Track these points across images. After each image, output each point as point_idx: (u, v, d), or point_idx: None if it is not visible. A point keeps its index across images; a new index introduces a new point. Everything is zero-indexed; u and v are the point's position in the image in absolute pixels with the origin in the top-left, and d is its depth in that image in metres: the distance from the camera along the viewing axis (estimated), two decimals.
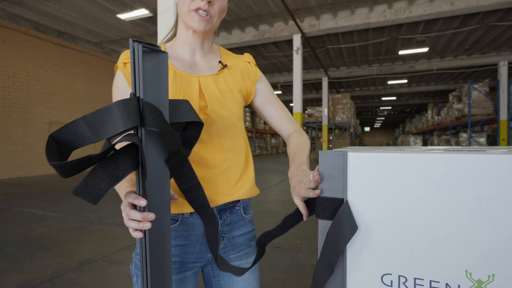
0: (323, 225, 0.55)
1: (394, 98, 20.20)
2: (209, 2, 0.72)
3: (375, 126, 45.92)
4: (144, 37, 10.03)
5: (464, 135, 11.51)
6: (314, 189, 0.57)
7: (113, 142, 0.53)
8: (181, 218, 0.75)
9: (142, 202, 0.55)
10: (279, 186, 6.74)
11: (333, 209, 0.53)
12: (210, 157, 0.76)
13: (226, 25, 9.34)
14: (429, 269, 0.50)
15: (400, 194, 0.51)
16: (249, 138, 25.13)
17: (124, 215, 0.58)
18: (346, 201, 0.53)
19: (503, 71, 10.81)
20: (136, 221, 0.55)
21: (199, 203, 0.66)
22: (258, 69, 0.88)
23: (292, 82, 13.03)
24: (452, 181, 0.48)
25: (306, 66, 13.59)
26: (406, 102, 21.36)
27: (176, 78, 0.75)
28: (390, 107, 25.75)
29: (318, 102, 22.25)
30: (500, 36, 9.65)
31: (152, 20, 8.72)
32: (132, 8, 7.75)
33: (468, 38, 9.82)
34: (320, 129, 17.18)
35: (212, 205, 0.75)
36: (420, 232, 0.50)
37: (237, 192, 0.79)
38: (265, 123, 22.62)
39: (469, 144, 10.85)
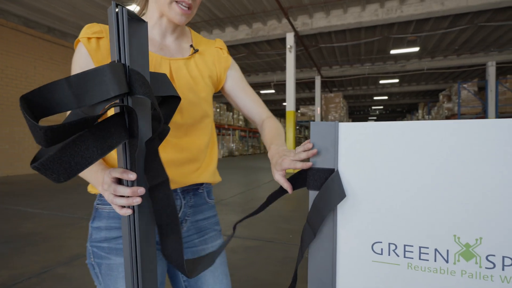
0: (313, 196, 0.55)
1: (385, 97, 20.44)
2: (188, 3, 0.70)
3: None
4: None
5: None
6: (303, 161, 0.56)
7: (103, 110, 0.48)
8: None
9: (132, 176, 0.52)
10: (270, 184, 6.75)
11: (324, 180, 0.53)
12: (178, 140, 0.75)
13: (219, 22, 9.30)
14: (418, 235, 0.51)
15: (389, 163, 0.52)
16: (243, 137, 25.12)
17: (107, 194, 0.54)
18: (337, 170, 0.53)
19: (491, 71, 11.04)
20: (125, 197, 0.53)
21: (164, 203, 0.55)
22: (229, 56, 0.88)
23: (285, 81, 13.10)
24: (439, 147, 0.49)
25: (299, 65, 13.64)
26: (397, 102, 21.63)
27: (152, 59, 0.72)
28: (382, 107, 26.04)
29: (311, 101, 22.35)
30: (488, 37, 9.84)
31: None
32: (124, 4, 7.66)
33: (457, 38, 9.99)
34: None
35: (176, 186, 0.75)
36: (409, 200, 0.51)
37: (202, 175, 0.79)
38: None
39: None
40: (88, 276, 2.14)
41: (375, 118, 34.80)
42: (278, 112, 29.17)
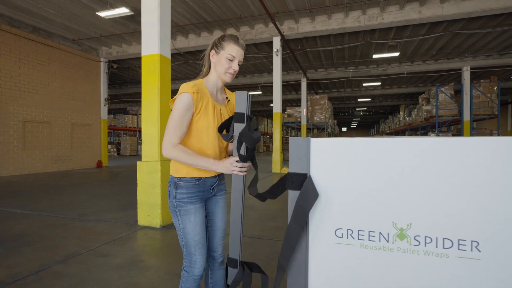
0: (292, 195, 0.74)
1: (369, 99, 21.04)
2: (235, 71, 1.35)
3: (351, 126, 47.35)
4: (124, 35, 9.90)
5: (432, 135, 12.26)
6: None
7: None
8: (203, 179, 1.35)
9: (247, 164, 1.25)
10: (261, 183, 6.94)
11: (299, 182, 0.72)
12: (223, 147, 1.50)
13: (207, 25, 9.42)
14: (368, 223, 0.70)
15: (348, 169, 0.71)
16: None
17: (233, 167, 1.22)
18: (309, 175, 0.73)
19: (466, 76, 11.65)
20: (243, 168, 1.23)
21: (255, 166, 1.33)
22: None
23: (272, 82, 13.30)
24: (381, 158, 0.69)
25: (285, 67, 13.91)
26: (380, 104, 22.30)
27: (210, 102, 1.34)
28: (365, 108, 26.74)
29: (297, 102, 22.72)
30: (463, 43, 10.41)
31: (132, 19, 8.65)
32: (112, 6, 7.67)
33: (435, 44, 10.51)
34: (299, 129, 17.62)
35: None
36: (361, 197, 0.70)
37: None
38: None
39: None
40: (86, 272, 2.26)
41: (359, 119, 35.64)
42: (265, 113, 29.43)
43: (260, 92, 18.74)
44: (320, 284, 0.73)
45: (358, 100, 21.29)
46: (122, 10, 7.53)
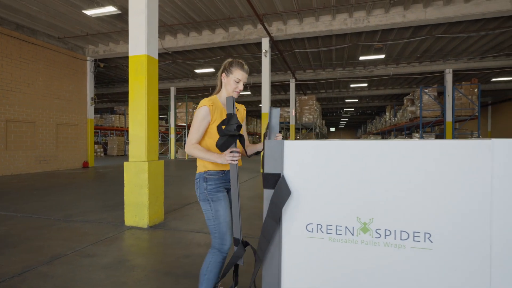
0: (267, 193, 0.81)
1: (356, 100, 21.41)
2: (240, 89, 1.73)
3: (339, 127, 47.98)
4: (112, 34, 9.78)
5: (416, 135, 12.60)
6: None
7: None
8: (225, 172, 1.67)
9: (237, 154, 1.46)
10: (249, 183, 7.00)
11: (274, 181, 0.79)
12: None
13: (196, 25, 9.41)
14: (335, 217, 0.77)
15: (317, 169, 0.78)
16: None
17: (228, 157, 1.45)
18: (283, 175, 0.79)
19: (448, 78, 12.03)
20: (234, 158, 1.45)
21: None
22: (245, 112, 1.89)
23: (261, 83, 13.38)
24: (346, 158, 0.76)
25: (274, 68, 14.01)
26: (367, 104, 22.72)
27: (223, 112, 1.71)
28: (353, 109, 27.18)
29: (286, 103, 22.89)
30: (446, 47, 10.75)
31: (119, 18, 8.56)
32: (99, 4, 7.57)
33: (419, 47, 10.81)
34: (288, 129, 17.79)
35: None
36: (329, 194, 0.77)
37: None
38: None
39: None
40: (71, 273, 2.27)
41: (347, 119, 36.18)
42: (254, 113, 29.50)
43: (249, 93, 18.81)
44: (292, 274, 0.80)
45: (346, 100, 21.63)
46: (109, 9, 7.45)
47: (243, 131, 1.85)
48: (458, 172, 0.70)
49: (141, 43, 3.59)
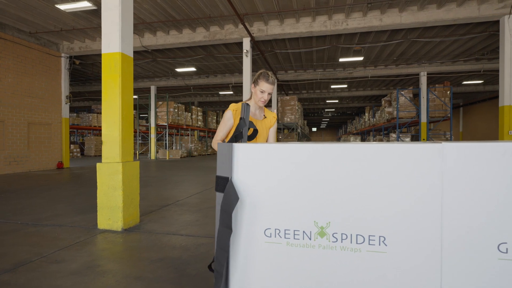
0: (219, 197, 0.79)
1: (337, 101, 21.81)
2: (266, 100, 1.95)
3: (321, 127, 48.77)
4: (87, 30, 9.44)
5: (393, 135, 13.01)
6: None
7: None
8: None
9: None
10: None
11: (223, 185, 0.78)
12: None
13: (176, 23, 9.25)
14: (293, 222, 0.77)
15: (273, 173, 0.78)
16: (202, 137, 24.88)
17: None
18: (231, 179, 0.78)
19: (423, 80, 12.50)
20: None
21: None
22: (275, 120, 2.12)
23: (243, 83, 13.37)
24: (302, 162, 0.76)
25: (256, 68, 14.02)
26: (347, 105, 23.20)
27: (250, 119, 1.87)
28: (333, 109, 27.68)
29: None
30: (420, 50, 11.16)
31: (95, 13, 8.28)
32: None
33: (395, 50, 11.16)
34: None
35: None
36: (286, 198, 0.77)
37: None
38: (217, 122, 22.82)
39: None
40: (36, 281, 2.16)
41: (328, 119, 36.82)
42: None
43: (232, 92, 18.73)
44: (253, 281, 0.79)
45: (327, 101, 21.99)
46: (84, 4, 7.18)
47: (270, 136, 2.12)
48: (410, 176, 0.71)
49: (114, 40, 3.48)
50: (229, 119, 1.92)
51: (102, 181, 3.47)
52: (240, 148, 0.80)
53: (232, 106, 1.94)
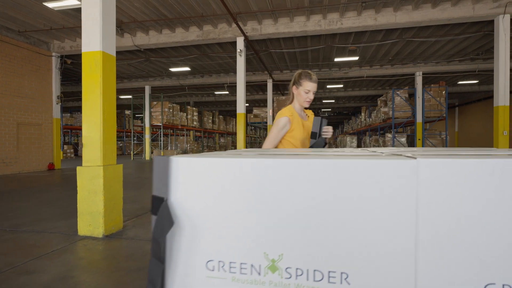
0: (153, 221, 0.67)
1: (333, 101, 21.73)
2: (311, 100, 1.95)
3: None
4: (77, 28, 9.26)
5: (389, 135, 12.93)
6: None
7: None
8: None
9: None
10: None
11: (158, 207, 0.65)
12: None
13: (168, 22, 9.11)
14: (239, 253, 0.65)
15: (217, 193, 0.65)
16: (198, 137, 24.72)
17: None
18: (166, 199, 0.65)
19: (418, 80, 12.43)
20: None
21: None
22: (313, 117, 2.07)
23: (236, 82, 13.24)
24: (252, 180, 0.64)
25: (251, 68, 13.90)
26: (343, 105, 23.13)
27: (300, 122, 1.95)
28: (330, 109, 27.61)
29: (265, 103, 22.84)
30: (415, 50, 11.08)
31: None
32: None
33: (390, 50, 11.07)
34: (265, 129, 17.76)
35: None
36: (233, 224, 0.65)
37: None
38: (213, 122, 22.58)
39: (393, 143, 12.23)
40: None
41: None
42: (233, 113, 29.27)
43: (227, 92, 18.59)
44: None
45: (323, 101, 21.90)
46: (72, 2, 7.02)
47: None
48: (379, 199, 0.59)
49: (95, 38, 3.34)
50: (285, 125, 1.89)
51: (82, 186, 3.34)
52: (179, 162, 0.67)
53: (287, 112, 1.90)
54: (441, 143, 12.10)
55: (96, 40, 3.34)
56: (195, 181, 0.66)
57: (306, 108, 2.13)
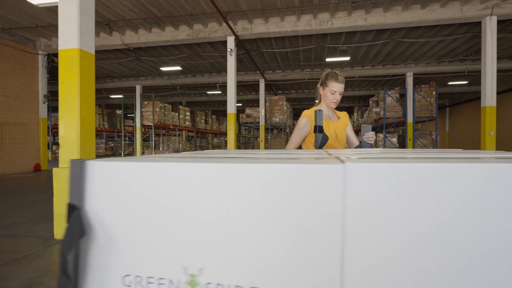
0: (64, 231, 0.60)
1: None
2: (337, 101, 1.94)
3: None
4: None
5: (380, 135, 12.97)
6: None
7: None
8: None
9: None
10: None
11: (70, 216, 0.58)
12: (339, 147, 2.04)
13: (158, 21, 8.99)
14: (157, 267, 0.58)
15: (134, 201, 0.58)
16: (190, 137, 24.57)
17: None
18: (78, 208, 0.58)
19: (409, 81, 12.50)
20: None
21: None
22: (348, 118, 2.10)
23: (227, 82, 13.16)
24: (173, 186, 0.57)
25: (243, 68, 13.83)
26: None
27: (325, 122, 1.90)
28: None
29: (258, 103, 22.79)
30: (406, 51, 11.13)
31: None
32: None
33: (381, 50, 11.10)
34: (258, 129, 17.69)
35: None
36: (151, 235, 0.58)
37: None
38: (205, 122, 22.46)
39: (384, 144, 12.27)
40: None
41: None
42: (226, 113, 29.17)
43: (220, 92, 18.49)
44: None
45: (316, 101, 21.92)
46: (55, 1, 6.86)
47: (350, 136, 2.09)
48: (303, 207, 0.53)
49: (72, 35, 3.24)
50: (305, 126, 1.91)
51: (58, 188, 3.23)
52: (95, 166, 0.60)
53: (306, 112, 1.93)
54: (431, 143, 12.18)
55: (73, 38, 3.24)
56: (111, 187, 0.59)
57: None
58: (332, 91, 1.89)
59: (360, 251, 0.51)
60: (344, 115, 2.11)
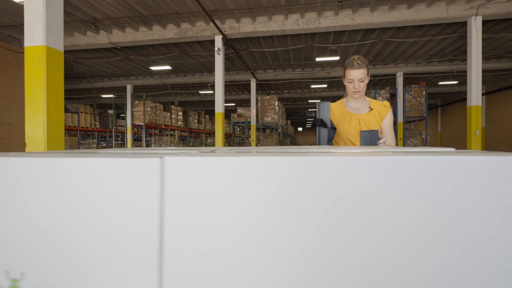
0: None
1: (318, 100, 21.78)
2: (358, 89, 1.72)
3: (307, 126, 48.94)
4: None
5: None
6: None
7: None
8: None
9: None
10: None
11: None
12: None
13: (144, 19, 8.91)
14: None
15: (24, 198, 0.53)
16: (183, 137, 24.46)
17: None
18: None
19: (399, 81, 12.52)
20: None
21: None
22: (386, 110, 1.80)
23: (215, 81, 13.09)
24: (88, 183, 0.51)
25: (234, 67, 13.78)
26: None
27: (347, 115, 1.82)
28: (316, 109, 27.69)
29: (249, 102, 22.77)
30: (395, 51, 11.15)
31: None
32: None
33: (371, 50, 11.11)
34: (249, 129, 17.66)
35: None
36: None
37: None
38: (199, 122, 22.33)
39: None
40: None
41: (312, 119, 36.87)
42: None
43: (212, 92, 18.42)
44: None
45: (309, 101, 21.95)
46: None
47: (385, 131, 1.81)
48: (122, 204, 0.48)
49: (38, 32, 3.17)
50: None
51: None
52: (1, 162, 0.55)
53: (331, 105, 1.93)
54: (422, 143, 12.20)
55: (39, 34, 3.17)
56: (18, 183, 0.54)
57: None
58: (350, 80, 1.72)
59: (178, 250, 0.46)
60: (380, 105, 1.81)
